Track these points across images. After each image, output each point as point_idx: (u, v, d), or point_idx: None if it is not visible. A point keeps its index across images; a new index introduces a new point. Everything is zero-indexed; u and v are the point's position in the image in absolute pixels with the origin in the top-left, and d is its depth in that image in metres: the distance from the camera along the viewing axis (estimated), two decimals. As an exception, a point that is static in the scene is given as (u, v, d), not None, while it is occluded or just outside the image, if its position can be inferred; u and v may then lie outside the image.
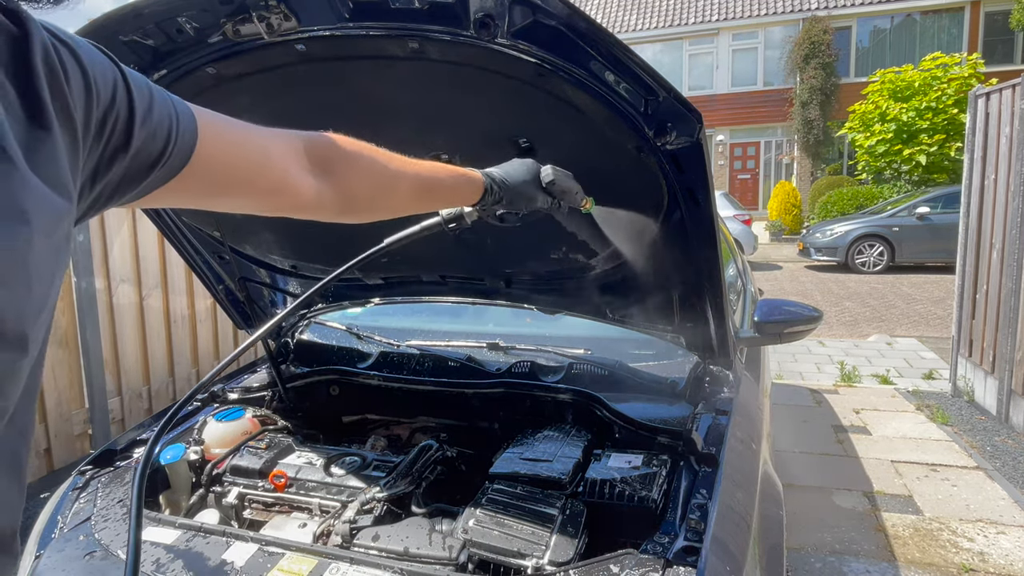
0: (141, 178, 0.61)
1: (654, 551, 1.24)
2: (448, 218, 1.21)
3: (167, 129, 0.61)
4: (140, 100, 0.58)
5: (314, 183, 0.83)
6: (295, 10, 1.23)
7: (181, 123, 0.63)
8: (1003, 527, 3.07)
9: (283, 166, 0.79)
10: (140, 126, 0.58)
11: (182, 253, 2.02)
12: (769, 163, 21.55)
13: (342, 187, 0.88)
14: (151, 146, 0.60)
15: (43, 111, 0.48)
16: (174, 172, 0.64)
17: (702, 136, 1.30)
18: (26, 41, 0.48)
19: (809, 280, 11.53)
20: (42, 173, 0.47)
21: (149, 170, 0.61)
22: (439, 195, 1.08)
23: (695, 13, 21.23)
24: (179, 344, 4.55)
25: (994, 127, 4.50)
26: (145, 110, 0.59)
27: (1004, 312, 4.28)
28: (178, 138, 0.62)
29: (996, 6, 18.24)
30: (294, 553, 1.32)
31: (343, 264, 2.09)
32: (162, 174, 0.63)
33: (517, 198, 1.19)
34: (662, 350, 2.13)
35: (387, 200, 0.98)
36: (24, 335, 0.46)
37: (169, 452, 1.76)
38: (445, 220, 1.21)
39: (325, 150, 0.86)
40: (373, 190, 0.94)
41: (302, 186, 0.82)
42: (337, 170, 0.87)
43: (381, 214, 1.00)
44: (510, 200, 1.18)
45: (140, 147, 0.58)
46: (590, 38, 1.17)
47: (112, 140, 0.56)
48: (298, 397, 2.23)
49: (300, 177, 0.81)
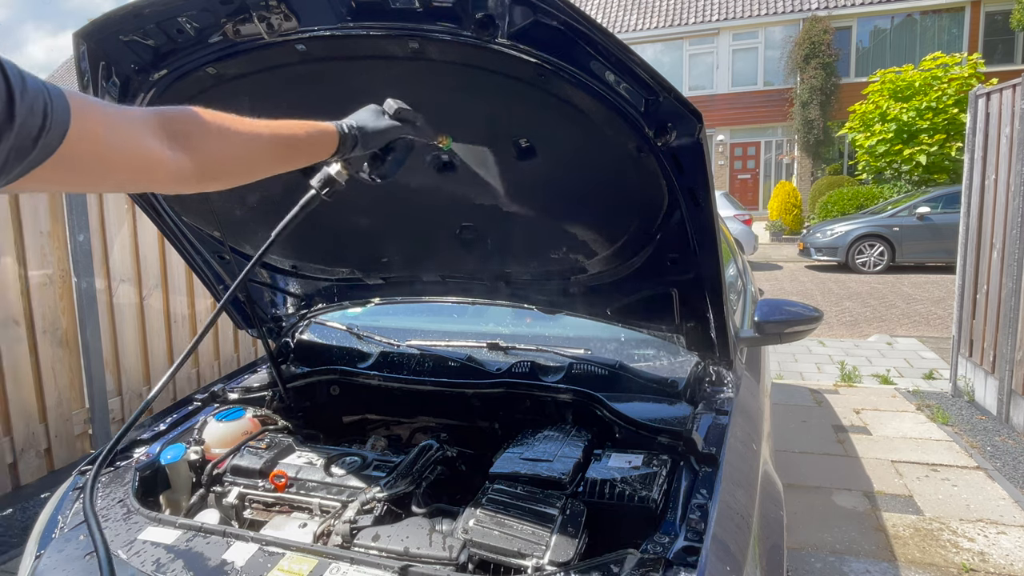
0: (27, 151, 0.67)
1: (654, 551, 1.24)
2: (321, 185, 1.20)
3: (43, 104, 0.67)
4: (15, 79, 0.65)
5: (173, 155, 0.86)
6: (295, 10, 1.24)
7: (54, 100, 0.69)
8: (1003, 527, 3.06)
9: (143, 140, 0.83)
10: (20, 102, 0.64)
11: (182, 253, 2.02)
12: (769, 163, 21.54)
13: (201, 156, 0.90)
14: (31, 120, 0.66)
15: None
16: (54, 146, 0.70)
17: (702, 136, 1.30)
18: None
19: (809, 280, 11.53)
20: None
21: (34, 143, 0.67)
22: (298, 149, 1.09)
23: (695, 13, 21.22)
24: (179, 344, 4.55)
25: (994, 127, 4.50)
26: (21, 88, 0.65)
27: (1004, 312, 4.28)
28: (53, 112, 0.68)
29: (996, 6, 18.24)
30: (294, 553, 1.32)
31: (343, 264, 2.10)
32: (44, 146, 0.69)
33: (371, 136, 1.20)
34: (662, 350, 2.13)
35: (245, 162, 1.00)
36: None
37: (169, 452, 1.76)
38: (319, 188, 1.20)
39: (180, 122, 0.89)
40: (230, 153, 0.96)
41: (163, 159, 0.85)
42: (194, 140, 0.90)
43: (244, 177, 1.02)
44: (365, 140, 1.19)
45: (23, 121, 0.65)
46: (590, 38, 1.17)
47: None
48: (298, 397, 2.23)
49: (160, 150, 0.85)
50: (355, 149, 1.18)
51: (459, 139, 1.53)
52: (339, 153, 1.16)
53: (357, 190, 1.76)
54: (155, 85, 1.46)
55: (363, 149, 1.19)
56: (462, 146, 1.53)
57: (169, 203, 1.85)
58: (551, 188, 1.62)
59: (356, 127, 1.18)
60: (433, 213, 1.76)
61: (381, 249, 2.00)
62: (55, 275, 3.66)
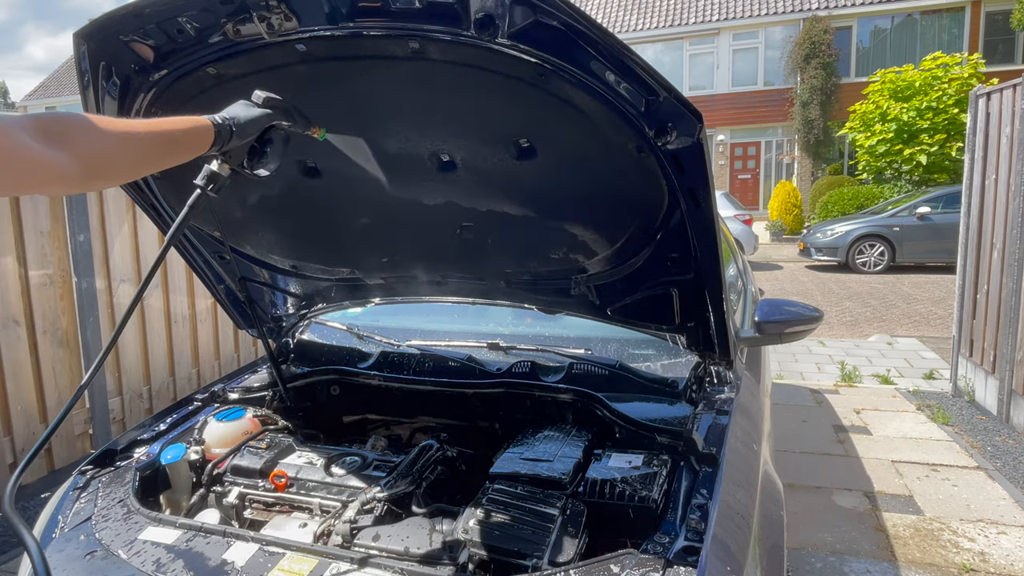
0: None
1: (654, 551, 1.24)
2: (205, 182, 1.23)
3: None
4: None
5: (55, 155, 0.89)
6: (296, 10, 1.24)
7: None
8: (1004, 527, 3.06)
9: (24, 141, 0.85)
10: None
11: (182, 253, 2.02)
12: (770, 163, 21.54)
13: (82, 154, 0.93)
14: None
15: None
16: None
17: (702, 136, 1.30)
18: None
19: (809, 280, 11.52)
20: None
21: None
22: (177, 143, 1.13)
23: (695, 13, 21.22)
24: (179, 344, 4.55)
25: (995, 127, 4.50)
26: None
27: (1005, 312, 4.28)
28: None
29: (997, 6, 18.23)
30: (294, 553, 1.32)
31: (342, 264, 2.10)
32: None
33: (244, 125, 1.23)
34: (662, 350, 2.13)
35: (126, 158, 1.03)
36: None
37: (170, 452, 1.76)
38: (204, 185, 1.23)
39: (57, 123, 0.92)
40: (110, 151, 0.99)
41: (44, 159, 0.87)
42: (72, 139, 0.92)
43: (129, 173, 1.06)
44: (240, 130, 1.22)
45: None
46: (590, 38, 1.17)
47: None
48: (299, 397, 2.23)
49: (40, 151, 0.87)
50: (232, 140, 1.21)
51: (459, 139, 1.53)
52: (217, 145, 1.19)
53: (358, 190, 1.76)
54: (155, 85, 1.46)
55: (239, 139, 1.23)
56: (338, 137, 1.56)
57: (170, 203, 1.85)
58: (551, 188, 1.62)
59: (230, 118, 1.22)
60: (433, 213, 1.76)
61: (381, 249, 2.00)
62: (55, 275, 3.66)
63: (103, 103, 1.49)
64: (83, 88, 1.46)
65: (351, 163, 1.64)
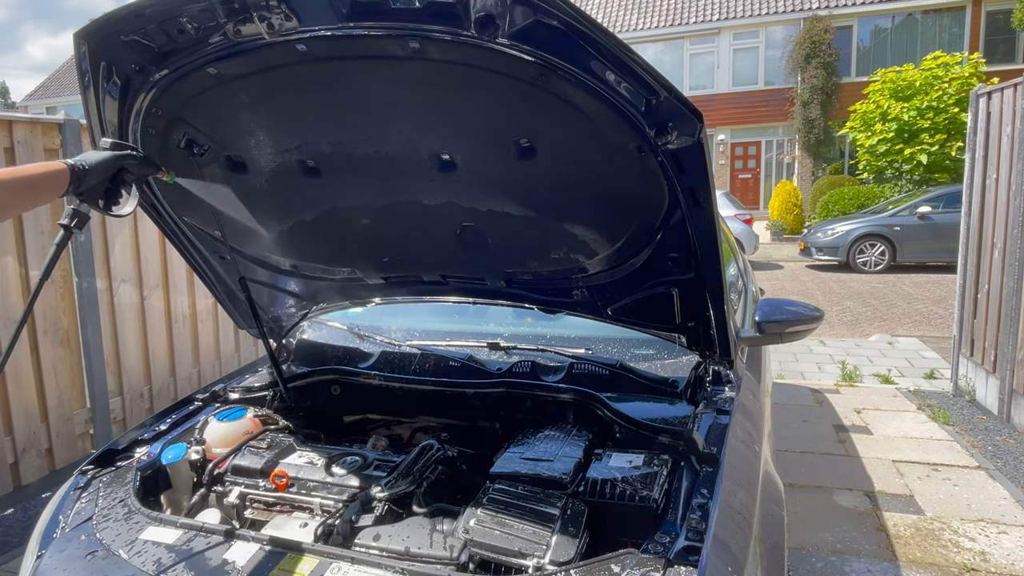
0: None
1: (655, 551, 1.24)
2: (69, 221, 1.32)
3: None
4: None
5: None
6: (296, 10, 1.24)
7: None
8: (1005, 527, 3.06)
9: None
10: None
11: (183, 253, 2.02)
12: (770, 162, 21.53)
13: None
14: None
15: None
16: None
17: (703, 136, 1.30)
18: None
19: (810, 279, 11.52)
20: None
21: None
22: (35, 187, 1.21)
23: (696, 12, 21.21)
24: (180, 344, 4.55)
25: (995, 126, 4.49)
26: None
27: (1005, 312, 4.28)
28: None
29: (997, 5, 18.22)
30: (295, 553, 1.32)
31: (343, 264, 2.10)
32: None
33: (95, 167, 1.33)
34: (662, 350, 2.13)
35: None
36: None
37: (170, 452, 1.76)
38: (67, 224, 1.32)
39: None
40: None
41: None
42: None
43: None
44: (92, 170, 1.32)
45: None
46: (591, 38, 1.17)
47: None
48: (299, 397, 2.23)
49: None
50: (85, 181, 1.30)
51: (459, 139, 1.53)
52: (73, 186, 1.28)
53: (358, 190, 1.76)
54: (156, 85, 1.46)
55: (94, 179, 1.32)
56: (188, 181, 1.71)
57: (170, 203, 1.85)
58: (551, 188, 1.62)
59: (81, 161, 1.31)
60: (434, 213, 1.76)
61: (382, 249, 2.00)
62: (56, 275, 3.66)
63: (103, 103, 1.49)
64: (83, 88, 1.46)
65: (351, 163, 1.64)
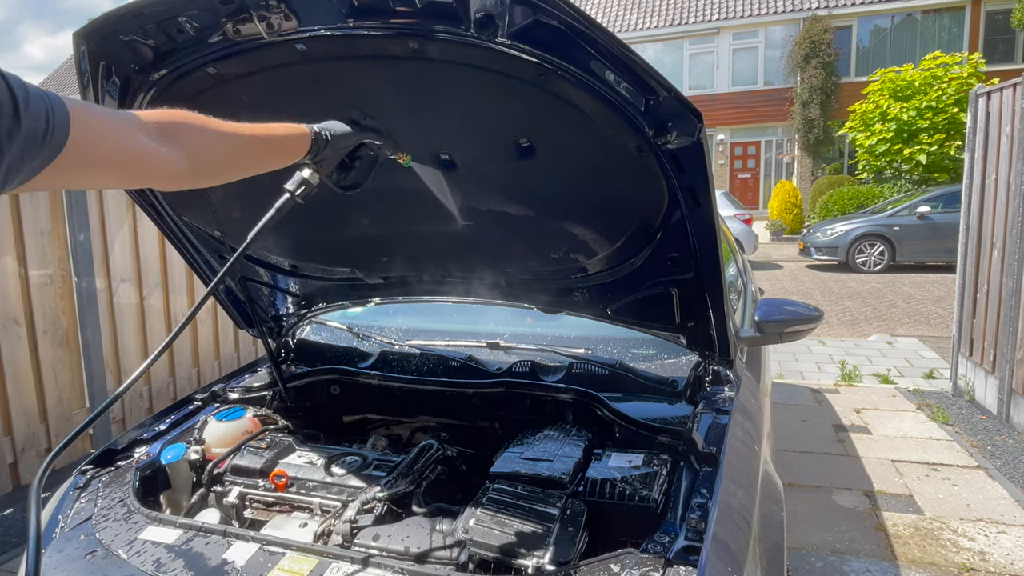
0: (34, 154, 0.75)
1: (655, 551, 1.24)
2: (294, 188, 1.26)
3: (44, 110, 0.75)
4: (19, 90, 0.72)
5: (166, 151, 0.94)
6: (295, 10, 1.23)
7: (54, 105, 0.76)
8: (1004, 526, 3.06)
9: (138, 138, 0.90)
10: (24, 109, 0.72)
11: (182, 253, 2.02)
12: (770, 162, 21.53)
13: (190, 152, 0.98)
14: (36, 124, 0.73)
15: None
16: (58, 147, 0.77)
17: (703, 135, 1.30)
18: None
19: (810, 279, 11.52)
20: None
21: (40, 146, 0.74)
22: (276, 148, 1.18)
23: (695, 12, 21.21)
24: (180, 343, 4.55)
25: (995, 126, 4.50)
26: (24, 96, 0.72)
27: (1005, 311, 4.28)
28: (55, 115, 0.76)
29: (997, 5, 18.22)
30: (295, 553, 1.32)
31: (343, 263, 2.10)
32: (50, 149, 0.76)
33: (339, 138, 1.29)
34: (662, 350, 2.13)
35: (230, 159, 1.08)
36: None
37: (170, 452, 1.76)
38: (293, 190, 1.26)
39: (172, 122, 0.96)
40: (215, 151, 1.04)
41: (157, 154, 0.92)
42: (181, 137, 0.97)
43: (227, 174, 1.10)
44: (335, 141, 1.28)
45: (29, 126, 0.72)
46: (590, 38, 1.17)
47: (4, 122, 0.70)
48: (299, 397, 2.23)
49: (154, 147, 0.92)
50: (325, 150, 1.25)
51: (459, 139, 1.53)
52: (311, 153, 1.23)
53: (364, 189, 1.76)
54: (155, 85, 1.46)
55: (332, 151, 1.27)
56: (420, 167, 1.62)
57: (169, 202, 1.85)
58: (551, 188, 1.62)
59: (326, 128, 1.27)
60: (434, 212, 1.76)
61: (381, 249, 2.00)
62: (55, 275, 3.66)
63: (103, 103, 1.49)
64: (83, 88, 1.46)
65: None
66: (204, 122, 1.02)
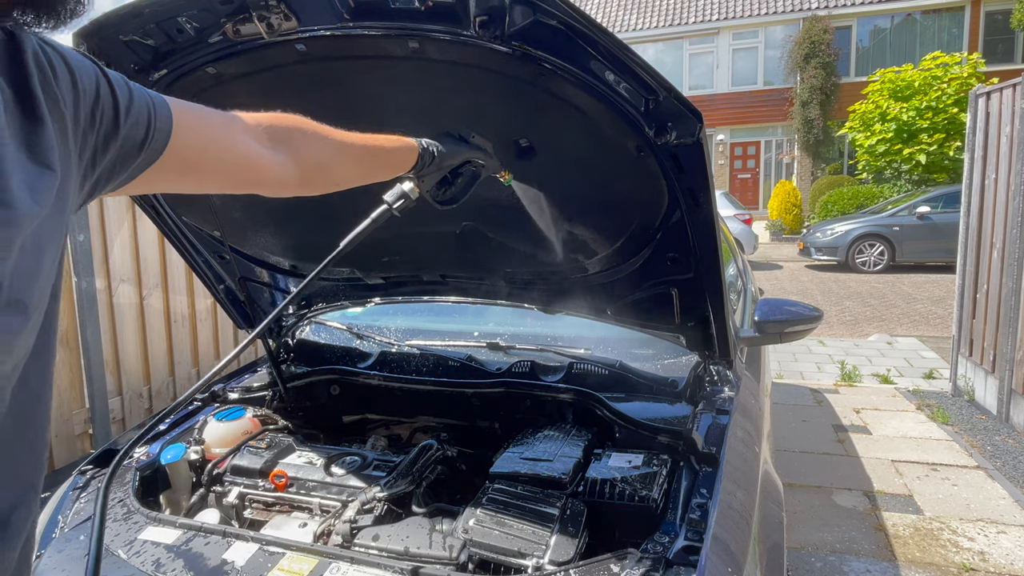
0: (132, 160, 0.71)
1: (654, 551, 1.24)
2: (393, 200, 1.26)
3: (147, 116, 0.71)
4: (121, 93, 0.68)
5: (275, 157, 0.91)
6: (295, 10, 1.23)
7: (158, 110, 0.73)
8: (1004, 526, 3.07)
9: (247, 143, 0.87)
10: (125, 115, 0.68)
11: (182, 253, 2.02)
12: (769, 162, 21.53)
13: (299, 159, 0.96)
14: (136, 131, 0.69)
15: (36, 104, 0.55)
16: (157, 153, 0.73)
17: (702, 135, 1.30)
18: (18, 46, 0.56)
19: (809, 279, 11.53)
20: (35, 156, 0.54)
21: (137, 152, 0.71)
22: (384, 160, 1.16)
23: (695, 12, 21.21)
24: (179, 344, 4.55)
25: (995, 126, 4.50)
26: (127, 101, 0.69)
27: (1004, 311, 4.28)
28: (157, 121, 0.72)
29: (997, 5, 18.22)
30: (294, 553, 1.32)
31: (343, 263, 2.10)
32: (148, 155, 0.72)
33: (446, 155, 1.28)
34: (662, 350, 2.13)
35: (340, 168, 1.07)
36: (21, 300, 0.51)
37: (170, 452, 1.76)
38: (392, 203, 1.26)
39: (284, 128, 0.94)
40: (326, 160, 1.02)
41: (265, 161, 0.90)
42: (293, 144, 0.95)
43: (335, 183, 1.09)
44: (441, 158, 1.26)
45: (127, 133, 0.68)
46: (590, 38, 1.17)
47: (103, 128, 0.66)
48: (298, 397, 2.23)
49: (263, 152, 0.89)
50: (430, 166, 1.24)
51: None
52: (416, 168, 1.22)
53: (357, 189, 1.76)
54: (155, 85, 1.45)
55: (437, 167, 1.26)
56: (519, 185, 1.59)
57: (169, 203, 1.85)
58: (551, 188, 1.62)
59: (434, 144, 1.25)
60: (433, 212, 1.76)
61: (381, 249, 2.00)
62: (55, 275, 3.66)
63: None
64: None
65: None
66: (316, 129, 0.99)
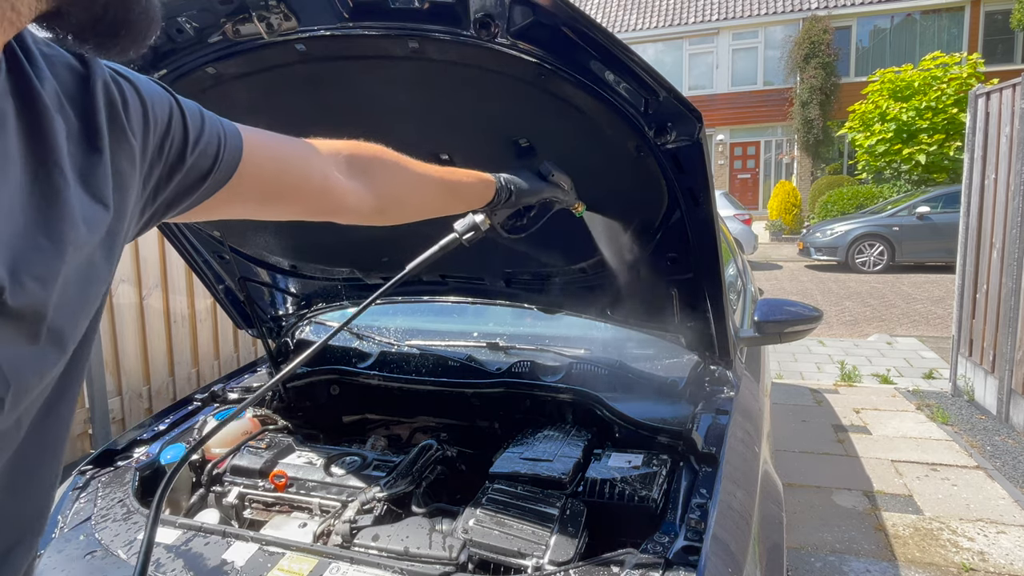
0: (193, 190, 0.70)
1: (654, 551, 1.24)
2: (463, 231, 1.25)
3: (216, 147, 0.70)
4: (193, 124, 0.67)
5: (352, 186, 0.91)
6: (295, 10, 1.23)
7: (228, 141, 0.72)
8: (1003, 526, 3.07)
9: (324, 172, 0.86)
10: (193, 146, 0.67)
11: (182, 253, 2.02)
12: (769, 163, 21.54)
13: (377, 189, 0.95)
14: (202, 162, 0.68)
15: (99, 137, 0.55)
16: (221, 183, 0.73)
17: (702, 136, 1.30)
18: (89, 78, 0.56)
19: (809, 280, 11.53)
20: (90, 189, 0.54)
21: (200, 182, 0.70)
22: (461, 195, 1.16)
23: (695, 13, 21.22)
24: (179, 344, 4.54)
25: (994, 127, 4.50)
26: (197, 132, 0.67)
27: (1004, 311, 4.28)
28: (225, 153, 0.71)
29: (996, 5, 18.22)
30: (294, 553, 1.32)
31: (343, 263, 2.10)
32: (211, 185, 0.71)
33: (524, 193, 1.27)
34: (662, 350, 2.13)
35: (417, 200, 1.06)
36: (61, 334, 0.51)
37: (169, 452, 1.76)
38: (462, 233, 1.25)
39: (364, 158, 0.94)
40: (404, 191, 1.02)
41: (342, 190, 0.89)
42: (372, 174, 0.94)
43: (411, 215, 1.08)
44: (518, 196, 1.25)
45: (193, 163, 0.67)
46: (590, 38, 1.17)
47: (170, 159, 0.65)
48: (298, 397, 2.23)
49: (340, 182, 0.89)
50: (507, 202, 1.24)
51: (459, 139, 1.53)
52: (491, 204, 1.22)
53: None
54: (155, 85, 1.45)
55: (513, 205, 1.26)
56: (590, 215, 1.59)
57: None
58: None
59: (512, 180, 1.25)
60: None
61: (381, 248, 2.00)
62: (55, 275, 3.66)
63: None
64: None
65: None
66: (396, 159, 0.99)
